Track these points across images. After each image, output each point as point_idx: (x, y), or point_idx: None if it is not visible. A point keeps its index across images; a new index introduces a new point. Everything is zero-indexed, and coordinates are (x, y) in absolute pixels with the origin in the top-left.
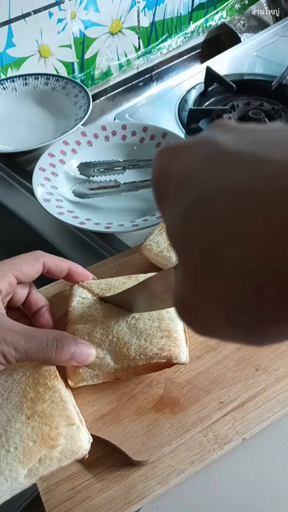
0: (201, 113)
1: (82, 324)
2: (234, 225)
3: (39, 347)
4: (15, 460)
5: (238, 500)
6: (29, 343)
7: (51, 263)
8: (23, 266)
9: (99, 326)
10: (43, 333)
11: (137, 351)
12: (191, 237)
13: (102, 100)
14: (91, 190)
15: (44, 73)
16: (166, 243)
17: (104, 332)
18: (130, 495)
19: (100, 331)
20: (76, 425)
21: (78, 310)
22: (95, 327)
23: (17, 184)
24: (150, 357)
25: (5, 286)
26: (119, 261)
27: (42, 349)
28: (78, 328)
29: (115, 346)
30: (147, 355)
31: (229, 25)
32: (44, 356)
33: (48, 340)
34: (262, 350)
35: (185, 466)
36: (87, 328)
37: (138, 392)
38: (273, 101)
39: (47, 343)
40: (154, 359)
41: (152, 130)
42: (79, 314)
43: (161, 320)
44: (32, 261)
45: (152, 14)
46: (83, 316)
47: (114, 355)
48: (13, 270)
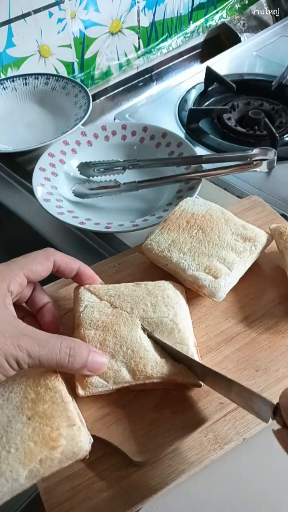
0: (201, 113)
1: (92, 330)
2: None
3: (53, 354)
4: (16, 461)
5: (238, 500)
6: (43, 349)
7: (61, 262)
8: (34, 266)
9: (111, 334)
10: (56, 339)
11: (154, 368)
12: None
13: (102, 100)
14: (91, 190)
15: (44, 73)
16: (167, 243)
17: (117, 342)
18: (130, 495)
19: (113, 340)
20: (77, 426)
21: (87, 314)
22: (107, 335)
23: (17, 184)
24: (167, 376)
25: (16, 288)
26: (119, 261)
27: (56, 356)
28: (89, 334)
29: (131, 359)
30: (164, 374)
31: (229, 25)
32: (56, 363)
33: (62, 347)
34: (262, 351)
35: (185, 466)
36: (98, 335)
37: (138, 393)
38: (273, 101)
39: (60, 350)
40: (171, 379)
41: (152, 130)
42: (88, 319)
43: (172, 340)
44: (43, 260)
45: (152, 14)
46: (93, 322)
47: (129, 369)
48: (24, 269)
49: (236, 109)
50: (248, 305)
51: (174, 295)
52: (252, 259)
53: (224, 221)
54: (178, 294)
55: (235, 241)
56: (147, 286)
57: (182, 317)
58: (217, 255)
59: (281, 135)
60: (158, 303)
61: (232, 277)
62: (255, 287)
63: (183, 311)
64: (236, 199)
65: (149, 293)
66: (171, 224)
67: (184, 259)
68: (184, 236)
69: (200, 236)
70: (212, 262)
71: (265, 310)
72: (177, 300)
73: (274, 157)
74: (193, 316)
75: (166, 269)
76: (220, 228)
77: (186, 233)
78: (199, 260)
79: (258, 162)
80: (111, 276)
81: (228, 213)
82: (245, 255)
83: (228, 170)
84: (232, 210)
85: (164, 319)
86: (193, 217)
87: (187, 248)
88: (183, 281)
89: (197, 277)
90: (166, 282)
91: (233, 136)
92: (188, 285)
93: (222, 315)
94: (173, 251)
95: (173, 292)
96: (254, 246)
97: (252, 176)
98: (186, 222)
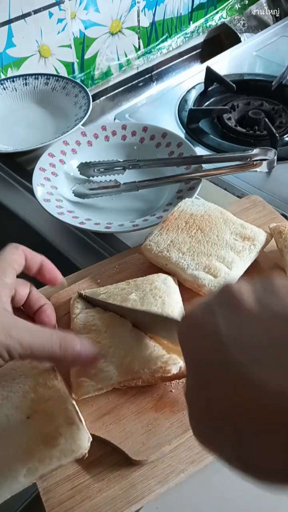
0: (201, 113)
1: (85, 334)
2: None
3: (44, 344)
4: (15, 459)
5: (238, 500)
6: (34, 339)
7: (26, 251)
8: (10, 256)
9: (102, 336)
10: (47, 331)
11: (141, 364)
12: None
13: (102, 100)
14: (91, 190)
15: (44, 73)
16: (166, 243)
17: (108, 343)
18: (130, 495)
19: (104, 341)
20: (76, 425)
21: (81, 319)
22: (98, 337)
23: (17, 184)
24: (154, 371)
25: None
26: (119, 261)
27: (47, 345)
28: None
29: (119, 358)
30: (151, 369)
31: (229, 25)
32: (48, 352)
33: (53, 338)
34: None
35: (185, 466)
36: (90, 338)
37: (137, 392)
38: (273, 101)
39: (51, 340)
40: (158, 372)
41: (152, 130)
42: (82, 324)
43: None
44: (14, 249)
45: (152, 14)
46: (86, 326)
47: (118, 368)
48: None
49: (236, 109)
50: None
51: (163, 285)
52: (251, 258)
53: (223, 220)
54: (167, 284)
55: (234, 240)
56: (136, 282)
57: (170, 303)
58: (216, 254)
59: (281, 135)
60: (146, 296)
61: (231, 276)
62: None
63: (172, 298)
64: (236, 199)
65: (138, 288)
66: (170, 225)
67: (184, 259)
68: (183, 236)
69: (199, 236)
70: (211, 261)
71: None
72: (166, 289)
73: (274, 157)
74: None
75: (165, 269)
76: (219, 227)
77: (185, 233)
78: (199, 260)
79: (258, 162)
80: (111, 276)
81: (227, 212)
82: (244, 254)
83: (228, 170)
84: (232, 209)
85: (152, 308)
86: (192, 218)
87: (186, 248)
88: (182, 280)
89: (196, 276)
90: (156, 275)
91: (233, 136)
92: (188, 284)
93: None
94: (172, 251)
95: (162, 283)
96: (253, 245)
97: (252, 176)
98: (185, 222)
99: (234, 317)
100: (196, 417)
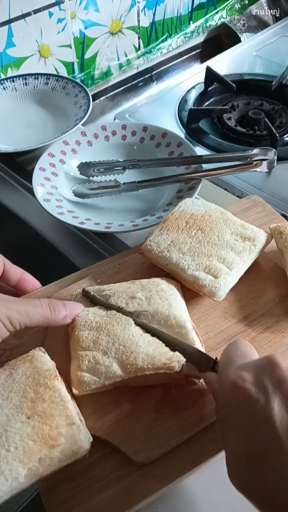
0: (201, 113)
1: (86, 331)
2: None
3: (37, 308)
4: (15, 459)
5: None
6: (27, 306)
7: (6, 261)
8: None
9: (104, 333)
10: (34, 299)
11: (144, 360)
12: None
13: (102, 100)
14: (91, 190)
15: (44, 73)
16: (166, 244)
17: (110, 340)
18: (130, 495)
19: (106, 338)
20: (76, 425)
21: (82, 317)
22: (100, 334)
23: (17, 184)
24: (158, 367)
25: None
26: (119, 261)
27: (40, 309)
28: (83, 335)
29: (122, 354)
30: (154, 365)
31: (229, 25)
32: (43, 316)
33: (42, 302)
34: (262, 351)
35: (185, 466)
36: (91, 335)
37: (137, 392)
38: (273, 101)
39: (42, 305)
40: (162, 369)
41: (152, 130)
42: (83, 321)
43: (170, 328)
44: None
45: (152, 14)
46: (87, 323)
47: (121, 364)
48: None
49: (236, 109)
50: (248, 304)
51: (168, 288)
52: (252, 258)
53: (223, 221)
54: (172, 288)
55: (234, 240)
56: (141, 283)
57: (177, 307)
58: (217, 254)
59: (281, 135)
60: (153, 296)
61: (232, 277)
62: (255, 287)
63: (178, 302)
64: (236, 199)
65: (143, 288)
66: (170, 225)
67: (184, 259)
68: (183, 237)
69: (199, 236)
70: (211, 262)
71: (265, 309)
72: (171, 293)
73: (274, 157)
74: (193, 316)
75: (166, 269)
76: (219, 228)
77: (185, 233)
78: (199, 260)
79: (258, 162)
80: (111, 276)
81: (227, 213)
82: (245, 254)
83: (228, 170)
84: (232, 209)
85: (159, 309)
86: (192, 218)
87: (187, 248)
88: (183, 281)
89: (197, 277)
90: (159, 279)
91: (233, 136)
92: (188, 285)
93: (222, 315)
94: (173, 251)
95: (167, 286)
96: (254, 245)
97: (252, 176)
98: (185, 222)
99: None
100: (235, 470)
